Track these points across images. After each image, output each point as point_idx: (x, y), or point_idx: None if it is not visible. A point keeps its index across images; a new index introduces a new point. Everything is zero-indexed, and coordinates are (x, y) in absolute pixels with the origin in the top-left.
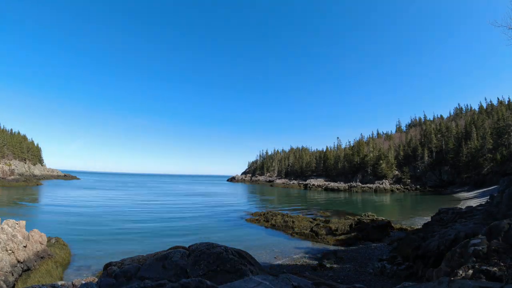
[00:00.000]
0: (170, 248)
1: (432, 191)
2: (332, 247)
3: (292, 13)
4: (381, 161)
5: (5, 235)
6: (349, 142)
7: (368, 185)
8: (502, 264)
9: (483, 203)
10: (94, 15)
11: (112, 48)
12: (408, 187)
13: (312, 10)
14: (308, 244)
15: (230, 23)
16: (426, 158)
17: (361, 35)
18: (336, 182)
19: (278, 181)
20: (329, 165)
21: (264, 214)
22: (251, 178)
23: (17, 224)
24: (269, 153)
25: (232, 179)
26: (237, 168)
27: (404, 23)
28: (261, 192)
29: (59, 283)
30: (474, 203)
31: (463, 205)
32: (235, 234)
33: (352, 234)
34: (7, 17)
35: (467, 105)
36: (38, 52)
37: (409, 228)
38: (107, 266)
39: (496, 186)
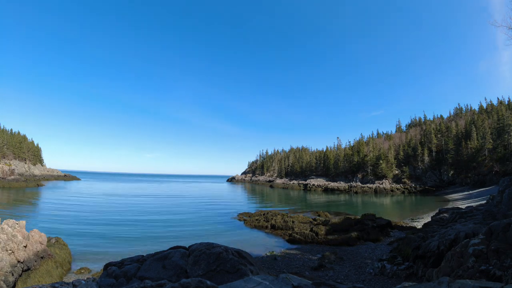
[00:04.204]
0: (170, 248)
1: (426, 192)
2: (332, 247)
3: (293, 14)
4: (381, 161)
5: (5, 235)
6: (349, 142)
7: (368, 185)
8: (502, 264)
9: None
10: (94, 15)
11: (113, 48)
12: (408, 187)
13: (313, 10)
14: (308, 244)
15: (233, 23)
16: (426, 158)
17: (362, 34)
18: (336, 182)
19: (278, 181)
20: (329, 165)
21: (264, 214)
22: (251, 178)
23: (17, 224)
24: (269, 153)
25: (232, 179)
26: (237, 168)
27: (404, 23)
28: (260, 193)
29: (59, 283)
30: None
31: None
32: (234, 235)
33: (352, 234)
34: (8, 17)
35: (467, 105)
36: (38, 52)
37: (409, 227)
38: (107, 266)
39: (492, 187)
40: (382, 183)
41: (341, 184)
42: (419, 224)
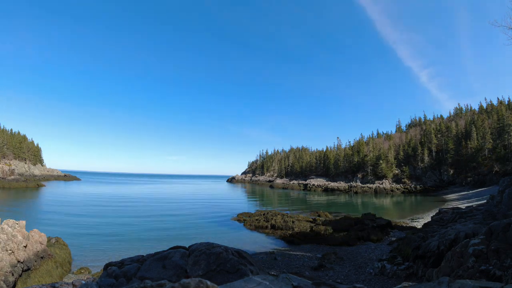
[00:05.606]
0: (170, 248)
1: (426, 192)
2: (332, 247)
3: (294, 14)
4: (381, 161)
5: (5, 235)
6: (349, 142)
7: (368, 185)
8: (502, 264)
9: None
10: (92, 15)
11: (111, 48)
12: (408, 187)
13: (313, 10)
14: (308, 244)
15: (235, 22)
16: (426, 158)
17: (361, 34)
18: (336, 182)
19: (278, 181)
20: (329, 165)
21: (264, 214)
22: (251, 178)
23: (17, 224)
24: (269, 153)
25: (232, 179)
26: (237, 168)
27: (404, 22)
28: (260, 193)
29: (59, 283)
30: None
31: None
32: (234, 235)
33: (352, 234)
34: (7, 17)
35: (467, 105)
36: (37, 52)
37: (409, 227)
38: (107, 266)
39: (492, 187)
40: (382, 183)
41: (341, 184)
42: (419, 224)
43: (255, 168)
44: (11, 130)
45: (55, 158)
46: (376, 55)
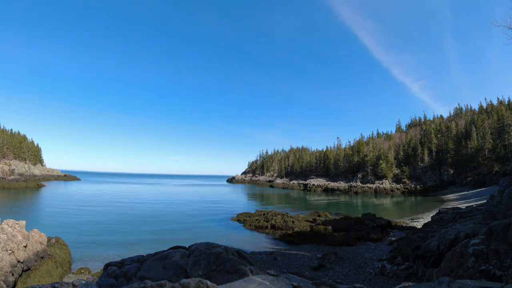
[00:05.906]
0: (170, 248)
1: (426, 192)
2: (332, 247)
3: (293, 13)
4: (381, 161)
5: (5, 235)
6: (349, 142)
7: (368, 185)
8: (502, 264)
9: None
10: (92, 15)
11: (112, 48)
12: (408, 187)
13: (313, 10)
14: (308, 244)
15: (232, 24)
16: (426, 158)
17: (361, 34)
18: (336, 182)
19: (278, 181)
20: (329, 165)
21: (264, 214)
22: (251, 178)
23: (17, 224)
24: (269, 153)
25: (232, 179)
26: (237, 168)
27: (404, 21)
28: (260, 193)
29: (59, 283)
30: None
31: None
32: (234, 235)
33: (352, 234)
34: (7, 17)
35: (467, 105)
36: (37, 52)
37: (409, 227)
38: (107, 266)
39: (492, 187)
40: (382, 183)
41: (341, 184)
42: (419, 224)
43: (255, 168)
44: (11, 130)
45: (55, 158)
46: (371, 72)
